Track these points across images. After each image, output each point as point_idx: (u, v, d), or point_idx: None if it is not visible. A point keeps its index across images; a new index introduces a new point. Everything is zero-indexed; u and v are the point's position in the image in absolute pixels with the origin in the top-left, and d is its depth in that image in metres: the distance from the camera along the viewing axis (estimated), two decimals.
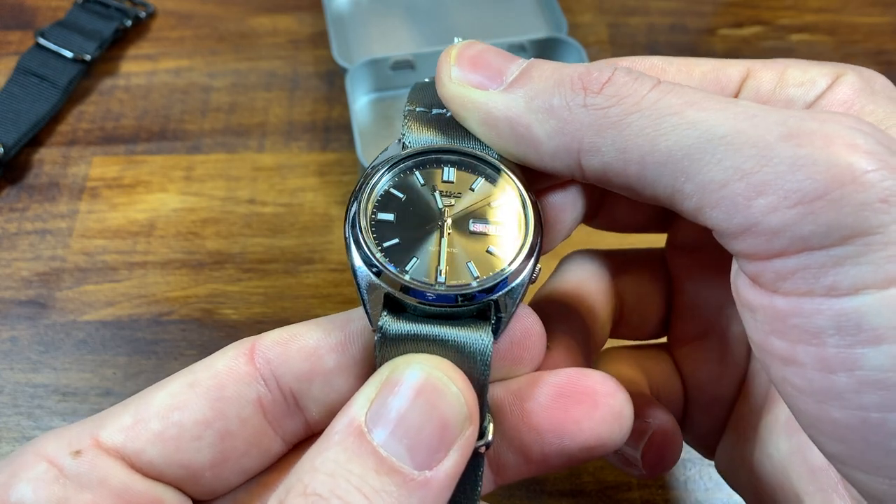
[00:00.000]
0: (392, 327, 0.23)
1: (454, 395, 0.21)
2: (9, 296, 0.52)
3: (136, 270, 0.53)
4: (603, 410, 0.24)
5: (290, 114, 0.61)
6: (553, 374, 0.25)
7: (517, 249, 0.24)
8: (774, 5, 0.68)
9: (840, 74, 0.25)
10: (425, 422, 0.21)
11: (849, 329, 0.19)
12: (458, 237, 0.24)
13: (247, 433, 0.24)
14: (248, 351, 0.24)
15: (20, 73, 0.61)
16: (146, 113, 0.61)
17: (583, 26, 0.66)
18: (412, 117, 0.26)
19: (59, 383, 0.48)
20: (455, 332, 0.23)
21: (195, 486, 0.24)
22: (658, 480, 0.45)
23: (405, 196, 0.25)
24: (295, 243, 0.54)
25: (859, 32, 0.66)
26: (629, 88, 0.22)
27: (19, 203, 0.56)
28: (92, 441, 0.23)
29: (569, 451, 0.24)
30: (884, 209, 0.18)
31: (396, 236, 0.24)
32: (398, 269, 0.24)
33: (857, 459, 0.21)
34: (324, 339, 0.25)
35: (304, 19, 0.67)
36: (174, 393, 0.23)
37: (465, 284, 0.23)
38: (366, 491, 0.19)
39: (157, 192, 0.57)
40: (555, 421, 0.24)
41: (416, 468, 0.20)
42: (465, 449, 0.21)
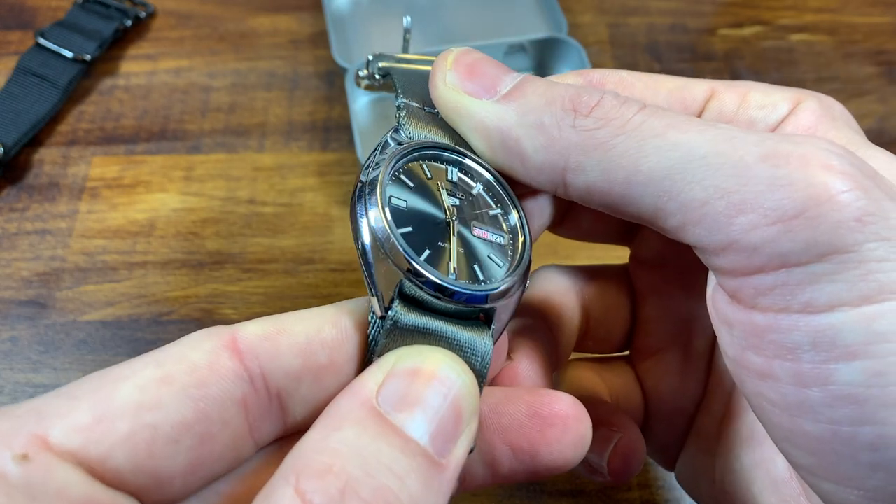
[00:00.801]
0: (404, 318, 0.22)
1: (468, 386, 0.21)
2: (9, 296, 0.52)
3: (136, 270, 0.53)
4: (572, 434, 0.24)
5: (290, 114, 0.61)
6: (528, 392, 0.25)
7: (518, 260, 0.25)
8: (774, 5, 0.68)
9: (800, 100, 0.26)
10: (443, 408, 0.20)
11: (823, 345, 0.20)
12: (465, 239, 0.24)
13: (226, 437, 0.21)
14: (229, 343, 0.21)
15: (20, 73, 0.61)
16: (146, 113, 0.61)
17: (583, 26, 0.66)
18: (409, 112, 0.26)
19: (59, 383, 0.48)
20: (463, 332, 0.23)
21: (158, 493, 0.20)
22: (658, 480, 0.45)
23: (415, 185, 0.24)
24: (295, 243, 0.54)
25: (859, 32, 0.66)
26: (616, 112, 0.23)
27: (19, 203, 0.56)
28: (38, 441, 0.19)
29: (536, 469, 0.25)
30: (858, 228, 0.19)
31: (409, 225, 0.23)
32: (415, 256, 0.22)
33: (828, 471, 0.22)
34: (316, 334, 0.23)
35: (304, 19, 0.67)
36: (144, 388, 0.20)
37: (476, 286, 0.23)
38: (398, 471, 0.19)
39: (157, 192, 0.57)
40: (530, 441, 0.24)
41: (436, 454, 0.20)
42: (470, 441, 0.21)
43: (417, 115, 0.26)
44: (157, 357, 0.21)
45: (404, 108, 0.26)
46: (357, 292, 0.52)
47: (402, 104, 0.26)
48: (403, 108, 0.26)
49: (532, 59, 0.61)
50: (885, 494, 0.21)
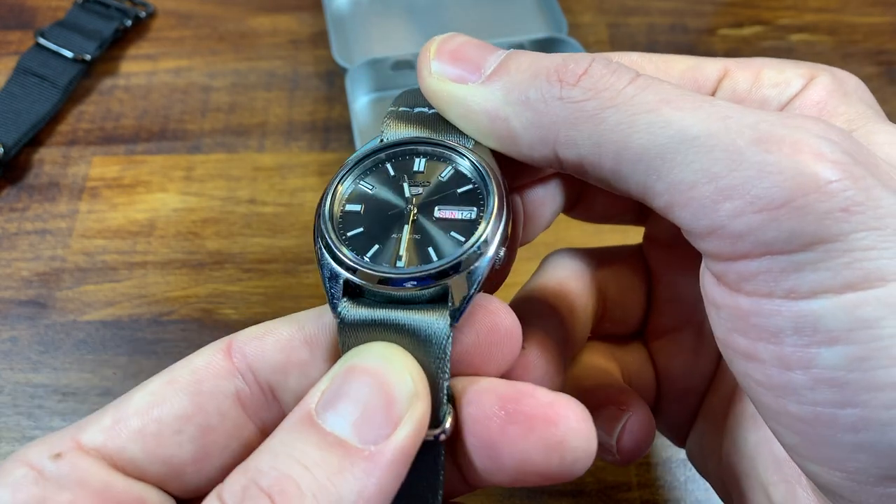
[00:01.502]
0: (350, 313, 0.23)
1: (398, 373, 0.22)
2: (9, 296, 0.52)
3: (136, 270, 0.53)
4: (536, 436, 0.22)
5: (290, 114, 0.61)
6: (504, 384, 0.24)
7: (479, 233, 0.24)
8: (774, 5, 0.68)
9: (814, 76, 0.25)
10: (369, 398, 0.21)
11: (805, 330, 0.20)
12: (423, 224, 0.25)
13: (227, 427, 0.24)
14: (226, 347, 0.24)
15: (20, 73, 0.61)
16: (146, 113, 0.61)
17: (583, 26, 0.66)
18: (392, 116, 0.27)
19: (59, 383, 0.48)
20: (412, 316, 0.23)
21: (178, 482, 0.23)
22: (658, 480, 0.45)
23: (374, 187, 0.26)
24: (295, 243, 0.54)
25: (859, 32, 0.66)
26: (606, 82, 0.22)
27: (19, 203, 0.56)
28: (73, 444, 0.22)
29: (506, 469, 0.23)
30: (844, 218, 0.19)
31: (361, 225, 0.25)
32: (357, 255, 0.24)
33: (812, 452, 0.22)
34: (297, 332, 0.25)
35: (304, 19, 0.67)
36: (153, 391, 0.23)
37: (419, 268, 0.23)
38: (305, 462, 0.20)
39: (157, 192, 0.57)
40: (492, 434, 0.23)
41: (360, 443, 0.20)
42: (415, 426, 0.21)
43: (401, 117, 0.27)
44: (172, 367, 0.24)
45: (389, 115, 0.27)
46: None
47: (388, 112, 0.27)
48: (388, 115, 0.27)
49: None
50: (866, 476, 0.21)
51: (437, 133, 0.26)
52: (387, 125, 0.27)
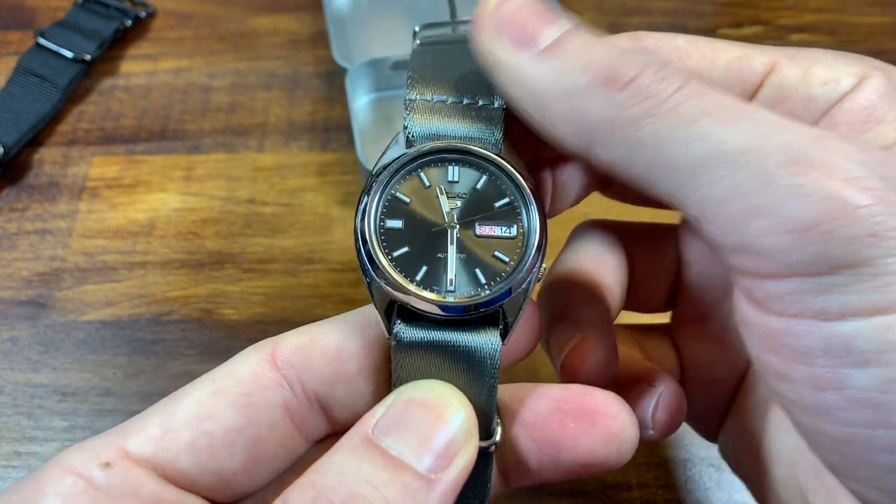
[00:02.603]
0: (406, 335, 0.24)
1: (455, 410, 0.23)
2: (9, 296, 0.52)
3: (136, 270, 0.53)
4: (599, 429, 0.25)
5: (290, 114, 0.61)
6: (557, 387, 0.26)
7: (521, 254, 0.25)
8: (774, 5, 0.68)
9: (867, 75, 0.25)
10: (429, 430, 0.22)
11: (836, 351, 0.20)
12: (466, 242, 0.25)
13: (276, 437, 0.24)
14: (270, 356, 0.25)
15: (20, 73, 0.61)
16: (146, 113, 0.61)
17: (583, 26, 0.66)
18: (413, 108, 0.26)
19: (59, 383, 0.48)
20: (465, 337, 0.24)
21: (226, 491, 0.24)
22: (658, 480, 0.45)
23: (411, 200, 0.25)
24: (295, 243, 0.54)
25: (859, 32, 0.66)
26: (653, 89, 0.22)
27: (19, 203, 0.56)
28: (119, 452, 0.22)
29: (564, 465, 0.25)
30: (874, 243, 0.19)
31: (406, 244, 0.25)
32: (409, 279, 0.24)
33: (850, 470, 0.22)
34: (345, 344, 0.25)
35: (304, 19, 0.67)
36: (200, 402, 0.23)
37: (473, 296, 0.24)
38: (375, 482, 0.21)
39: (157, 192, 0.57)
40: (552, 434, 0.25)
41: (424, 469, 0.21)
42: (468, 460, 0.22)
43: (423, 109, 0.26)
44: (213, 375, 0.24)
45: (409, 104, 0.26)
46: (357, 292, 0.52)
47: (407, 101, 0.26)
48: (408, 104, 0.26)
49: None
50: None
51: (463, 126, 0.26)
52: (410, 118, 0.26)
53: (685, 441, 0.46)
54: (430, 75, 0.26)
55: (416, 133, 0.26)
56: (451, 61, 0.27)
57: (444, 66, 0.27)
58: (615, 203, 0.31)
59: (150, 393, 0.48)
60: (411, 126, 0.26)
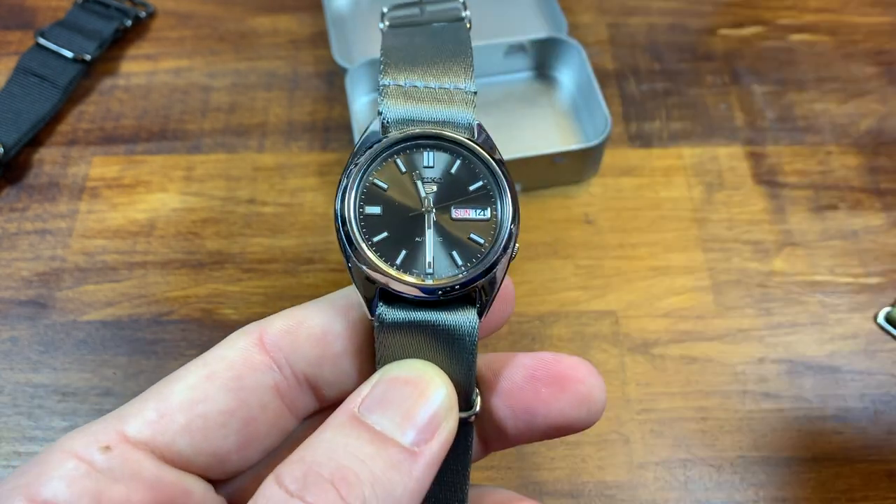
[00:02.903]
0: (388, 316, 0.25)
1: (437, 386, 0.24)
2: (9, 296, 0.52)
3: (136, 270, 0.53)
4: (569, 394, 0.26)
5: (290, 114, 0.61)
6: (528, 356, 0.27)
7: (495, 235, 0.26)
8: (774, 5, 0.68)
9: None
10: (411, 405, 0.23)
11: None
12: (442, 225, 0.26)
13: (268, 416, 0.25)
14: (259, 340, 0.26)
15: (20, 73, 0.61)
16: (146, 113, 0.61)
17: (583, 26, 0.66)
18: (387, 93, 0.27)
19: (59, 383, 0.48)
20: (445, 316, 0.25)
21: (221, 469, 0.25)
22: (658, 480, 0.45)
23: (389, 186, 0.26)
24: (295, 243, 0.54)
25: (859, 32, 0.66)
26: None
27: (19, 203, 0.56)
28: (118, 436, 0.23)
29: (539, 428, 0.27)
30: None
31: (385, 230, 0.26)
32: (389, 263, 0.25)
33: None
34: (330, 326, 0.26)
35: (304, 19, 0.67)
36: (193, 386, 0.25)
37: (451, 277, 0.25)
38: (361, 456, 0.22)
39: (157, 192, 0.57)
40: (526, 400, 0.27)
41: (407, 443, 0.23)
42: (449, 433, 0.24)
43: (396, 94, 0.27)
44: (204, 359, 0.25)
45: (383, 89, 0.27)
46: None
47: (381, 87, 0.27)
48: (382, 89, 0.27)
49: (532, 59, 0.61)
50: None
51: (434, 110, 0.26)
52: (385, 104, 0.27)
53: (685, 441, 0.46)
54: (403, 59, 0.27)
55: (392, 118, 0.26)
56: (422, 43, 0.28)
57: (415, 49, 0.28)
58: (615, 203, 0.31)
59: None
60: (386, 112, 0.26)
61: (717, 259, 0.53)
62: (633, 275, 0.53)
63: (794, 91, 0.62)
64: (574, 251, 0.53)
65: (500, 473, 0.45)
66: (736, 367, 0.49)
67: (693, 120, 0.60)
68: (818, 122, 0.60)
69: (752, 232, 0.55)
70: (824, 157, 0.59)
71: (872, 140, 0.59)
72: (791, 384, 0.48)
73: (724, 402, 0.48)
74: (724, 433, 0.47)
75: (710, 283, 0.52)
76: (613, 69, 0.64)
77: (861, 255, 0.54)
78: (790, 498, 0.45)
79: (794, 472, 0.45)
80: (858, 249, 0.54)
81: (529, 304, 0.51)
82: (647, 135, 0.60)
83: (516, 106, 0.60)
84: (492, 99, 0.61)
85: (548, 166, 0.54)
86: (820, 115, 0.61)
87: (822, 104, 0.61)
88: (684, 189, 0.57)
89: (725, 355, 0.49)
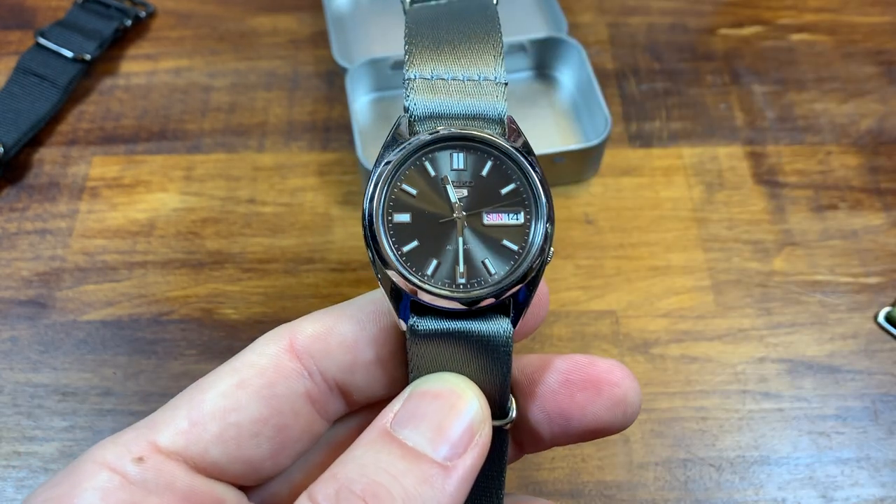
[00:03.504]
0: (420, 326, 0.24)
1: (469, 400, 0.24)
2: (9, 296, 0.52)
3: (136, 270, 0.53)
4: (605, 398, 0.26)
5: (290, 114, 0.61)
6: (562, 359, 0.27)
7: (529, 241, 0.25)
8: (774, 5, 0.68)
9: None
10: (443, 420, 0.23)
11: None
12: (474, 231, 0.25)
13: (300, 423, 0.25)
14: (289, 346, 0.25)
15: (20, 73, 0.61)
16: (146, 113, 0.61)
17: (583, 26, 0.66)
18: (413, 87, 0.25)
19: (59, 383, 0.48)
20: (478, 325, 0.24)
21: (254, 476, 0.25)
22: (658, 480, 0.45)
23: (418, 191, 0.25)
24: (295, 243, 0.54)
25: (859, 32, 0.66)
26: None
27: (19, 203, 0.56)
28: (150, 446, 0.23)
29: (575, 432, 0.27)
30: None
31: (415, 238, 0.24)
32: (420, 274, 0.24)
33: None
34: (361, 333, 0.26)
35: (304, 19, 0.67)
36: (225, 394, 0.24)
37: (483, 287, 0.24)
38: (393, 472, 0.22)
39: (157, 192, 0.57)
40: (562, 405, 0.26)
41: (439, 457, 0.22)
42: (483, 447, 0.23)
43: (422, 88, 0.25)
44: (234, 365, 0.25)
45: (408, 83, 0.25)
46: (357, 292, 0.52)
47: (406, 80, 0.25)
48: (407, 83, 0.25)
49: (532, 58, 0.61)
50: None
51: (463, 104, 0.25)
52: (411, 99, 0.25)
53: (685, 441, 0.46)
54: (428, 45, 0.26)
55: (418, 114, 0.25)
56: (447, 26, 0.27)
57: (441, 35, 0.26)
58: (615, 203, 0.31)
59: (150, 393, 0.48)
60: (412, 108, 0.25)
61: (717, 259, 0.53)
62: (633, 275, 0.53)
63: (794, 91, 0.62)
64: (574, 251, 0.53)
65: None
66: (736, 366, 0.49)
67: (693, 120, 0.60)
68: (818, 121, 0.60)
69: (752, 232, 0.55)
70: (824, 156, 0.59)
71: (872, 140, 0.59)
72: (791, 384, 0.48)
73: (724, 402, 0.48)
74: (724, 433, 0.47)
75: (710, 282, 0.52)
76: (613, 69, 0.64)
77: (861, 254, 0.54)
78: (790, 498, 0.45)
79: (793, 472, 0.45)
80: (858, 249, 0.54)
81: None
82: (647, 135, 0.60)
83: (516, 106, 0.60)
84: None
85: (548, 166, 0.54)
86: (820, 115, 0.61)
87: (822, 104, 0.61)
88: (684, 189, 0.57)
89: (725, 355, 0.49)
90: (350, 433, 0.28)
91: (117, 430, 0.24)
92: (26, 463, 0.46)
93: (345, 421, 0.28)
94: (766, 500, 0.45)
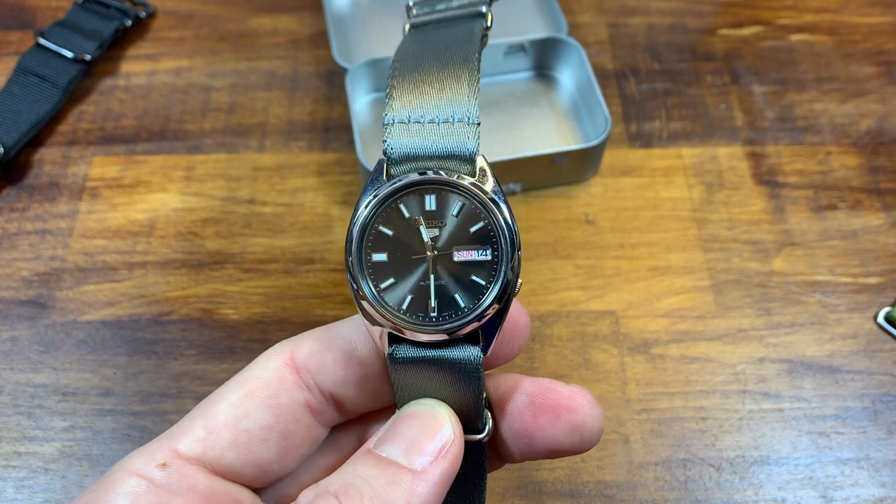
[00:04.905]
0: (399, 353, 0.27)
1: (442, 419, 0.27)
2: (9, 296, 0.52)
3: (136, 270, 0.53)
4: (563, 422, 0.28)
5: (290, 114, 0.61)
6: (531, 381, 0.29)
7: (497, 276, 0.27)
8: (774, 5, 0.68)
9: None
10: (416, 435, 0.26)
11: None
12: (445, 268, 0.27)
13: (301, 429, 0.28)
14: (289, 361, 0.28)
15: (20, 73, 0.61)
16: (146, 113, 0.61)
17: (583, 26, 0.66)
18: (391, 132, 0.27)
19: (59, 383, 0.48)
20: (450, 352, 0.27)
21: (264, 478, 0.28)
22: (658, 480, 0.45)
23: (393, 232, 0.27)
24: (295, 243, 0.54)
25: (859, 32, 0.66)
26: None
27: (19, 203, 0.56)
28: (172, 454, 0.26)
29: (539, 450, 0.29)
30: None
31: (391, 276, 0.27)
32: (396, 310, 0.27)
33: None
34: (353, 352, 0.29)
35: (304, 19, 0.67)
36: (236, 404, 0.27)
37: (453, 321, 0.27)
38: (365, 476, 0.24)
39: (157, 192, 0.57)
40: (526, 425, 0.29)
41: (409, 464, 0.25)
42: (453, 456, 0.26)
43: (399, 131, 0.27)
44: (241, 378, 0.28)
45: (387, 126, 0.27)
46: None
47: (385, 123, 0.27)
48: (386, 126, 0.27)
49: (532, 59, 0.61)
50: None
51: (439, 140, 0.27)
52: (388, 141, 0.27)
53: (685, 441, 0.46)
54: (408, 90, 0.28)
55: (395, 157, 0.27)
56: (429, 62, 0.29)
57: (421, 76, 0.28)
58: (615, 203, 0.31)
59: (150, 393, 0.48)
60: (389, 151, 0.27)
61: (717, 259, 0.53)
62: (633, 275, 0.53)
63: (794, 91, 0.62)
64: (574, 251, 0.53)
65: (499, 473, 0.45)
66: (736, 366, 0.49)
67: (693, 120, 0.60)
68: (818, 122, 0.60)
69: (752, 232, 0.55)
70: (824, 157, 0.59)
71: (872, 140, 0.59)
72: (791, 384, 0.48)
73: (723, 402, 0.48)
74: (723, 433, 0.47)
75: (709, 282, 0.52)
76: (613, 69, 0.64)
77: (861, 255, 0.54)
78: (790, 498, 0.45)
79: (793, 472, 0.45)
80: (858, 249, 0.54)
81: (529, 303, 0.51)
82: (646, 135, 0.60)
83: (516, 106, 0.60)
84: (492, 99, 0.61)
85: (548, 166, 0.54)
86: (820, 115, 0.61)
87: (822, 104, 0.61)
88: (684, 189, 0.57)
89: (725, 355, 0.49)
90: (357, 440, 0.31)
91: (117, 430, 0.25)
92: (26, 463, 0.46)
93: (351, 430, 0.31)
94: (765, 500, 0.45)
